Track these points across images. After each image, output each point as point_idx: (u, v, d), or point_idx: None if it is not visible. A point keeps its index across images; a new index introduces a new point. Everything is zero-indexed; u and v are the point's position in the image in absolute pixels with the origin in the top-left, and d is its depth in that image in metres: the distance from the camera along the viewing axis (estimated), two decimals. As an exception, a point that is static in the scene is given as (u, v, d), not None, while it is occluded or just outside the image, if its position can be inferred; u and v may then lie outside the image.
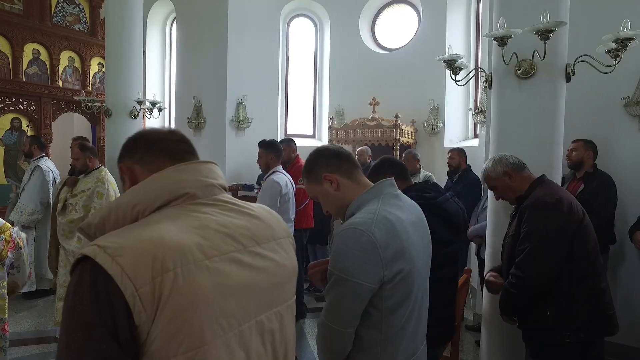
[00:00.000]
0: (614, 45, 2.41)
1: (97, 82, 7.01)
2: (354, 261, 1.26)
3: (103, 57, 6.07)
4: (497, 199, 2.33)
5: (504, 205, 2.60)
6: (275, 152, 3.75)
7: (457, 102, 5.66)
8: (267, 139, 3.90)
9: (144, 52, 6.17)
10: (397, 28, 6.57)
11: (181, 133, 1.03)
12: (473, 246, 4.00)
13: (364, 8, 6.54)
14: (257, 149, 3.85)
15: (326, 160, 1.47)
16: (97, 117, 6.49)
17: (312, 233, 4.36)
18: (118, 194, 2.52)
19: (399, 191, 1.49)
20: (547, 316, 1.98)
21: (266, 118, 6.55)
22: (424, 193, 1.99)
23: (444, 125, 5.61)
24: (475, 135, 5.32)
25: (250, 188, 5.36)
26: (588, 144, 3.45)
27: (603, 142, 3.66)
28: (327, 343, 1.36)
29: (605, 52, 2.49)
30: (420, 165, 4.56)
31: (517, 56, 2.53)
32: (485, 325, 2.84)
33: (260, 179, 5.45)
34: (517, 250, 2.05)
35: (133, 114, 4.96)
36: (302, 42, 7.23)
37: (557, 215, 1.98)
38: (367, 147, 5.25)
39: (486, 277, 2.35)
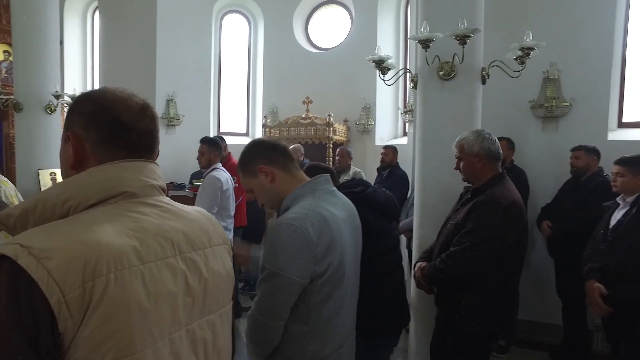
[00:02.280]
0: (520, 53, 2.67)
1: (3, 71, 6.36)
2: (287, 257, 1.27)
3: (9, 44, 5.50)
4: (455, 168, 2.24)
5: (431, 199, 2.76)
6: (218, 149, 3.80)
7: (387, 101, 5.89)
8: (203, 136, 3.91)
9: (61, 41, 5.72)
10: (330, 28, 6.69)
11: (152, 116, 0.91)
12: (404, 240, 4.20)
13: (297, 7, 6.58)
14: (189, 147, 3.80)
15: (262, 152, 1.48)
16: (3, 111, 5.88)
17: (246, 232, 4.32)
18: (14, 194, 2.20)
19: (334, 188, 1.53)
20: (462, 305, 2.08)
21: (198, 115, 6.36)
22: (353, 189, 2.06)
23: (375, 123, 5.82)
24: (404, 134, 5.58)
25: (181, 187, 5.17)
26: (510, 143, 3.77)
27: (515, 140, 4.02)
28: (257, 335, 1.36)
29: (514, 59, 2.74)
30: (351, 163, 4.70)
31: (439, 58, 2.69)
32: (414, 314, 3.00)
33: (193, 178, 5.29)
34: (456, 241, 2.07)
35: (50, 109, 4.57)
36: (236, 39, 7.11)
37: (506, 220, 2.00)
38: (300, 145, 5.29)
39: (414, 271, 2.45)
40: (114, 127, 0.85)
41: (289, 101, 6.13)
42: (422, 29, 2.62)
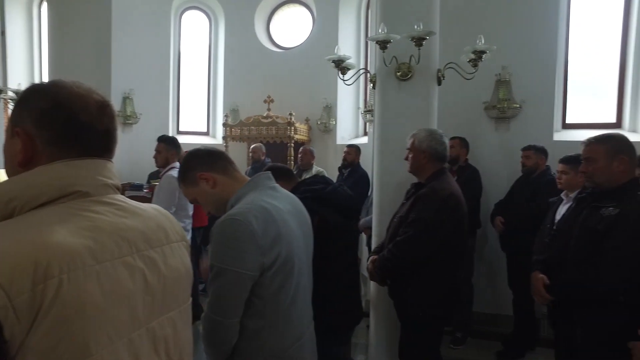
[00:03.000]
0: (473, 56, 2.78)
1: None
2: (233, 251, 1.28)
3: None
4: (404, 158, 2.41)
5: (389, 197, 2.83)
6: (176, 147, 3.71)
7: (348, 101, 5.96)
8: (161, 135, 3.81)
9: (3, 32, 5.40)
10: (292, 27, 6.69)
11: (111, 114, 0.87)
12: (364, 237, 4.27)
13: (259, 6, 6.53)
14: (146, 147, 3.70)
15: (199, 160, 1.49)
16: None
17: (208, 232, 4.25)
18: None
19: (276, 184, 1.54)
20: (407, 292, 2.23)
21: (156, 114, 6.20)
22: (313, 186, 2.09)
23: (336, 123, 5.88)
24: (365, 133, 5.67)
25: (138, 187, 5.03)
26: (463, 142, 3.91)
27: (470, 139, 4.18)
28: (213, 336, 1.35)
29: (467, 61, 2.86)
30: (314, 161, 4.73)
31: (397, 59, 2.77)
32: (373, 309, 3.06)
33: (151, 178, 5.15)
34: (401, 232, 2.25)
35: (-9, 105, 4.32)
36: (196, 36, 6.97)
37: (444, 211, 2.19)
38: (261, 144, 5.27)
39: (367, 264, 2.52)
40: (70, 126, 0.81)
41: (250, 100, 6.08)
42: (380, 30, 2.68)
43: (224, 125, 5.83)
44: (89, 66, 5.64)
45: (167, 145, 3.65)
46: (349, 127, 5.97)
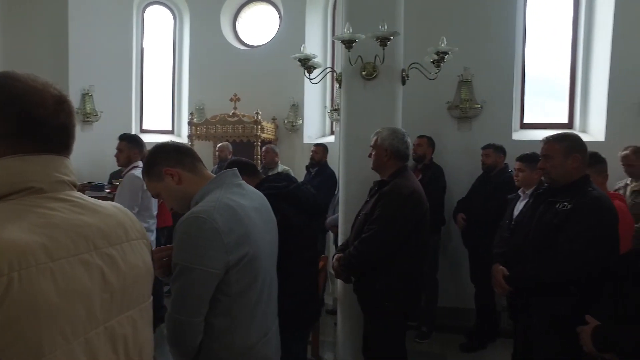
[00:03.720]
0: (435, 57, 2.85)
1: None
2: (197, 249, 1.26)
3: None
4: (368, 155, 2.46)
5: (355, 195, 2.86)
6: (139, 146, 3.59)
7: (315, 100, 5.98)
8: (122, 133, 3.68)
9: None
10: (259, 25, 6.63)
11: (68, 110, 0.84)
12: (332, 235, 4.29)
13: (225, 3, 6.44)
14: (107, 145, 3.58)
15: (165, 154, 1.47)
16: None
17: (172, 233, 4.16)
18: None
19: (242, 181, 1.54)
20: (375, 288, 2.27)
21: (118, 112, 6.00)
22: (276, 183, 2.08)
23: (303, 122, 5.88)
24: (332, 132, 5.70)
25: (99, 188, 4.86)
26: (430, 141, 4.00)
27: (434, 138, 4.28)
28: (177, 336, 1.33)
29: (430, 62, 2.93)
30: (278, 160, 4.70)
31: (362, 59, 2.80)
32: (340, 307, 3.09)
33: (113, 177, 4.98)
34: (366, 228, 2.29)
35: None
36: (160, 33, 6.79)
37: (407, 207, 2.25)
38: (227, 143, 5.20)
39: (333, 262, 2.55)
40: (24, 122, 0.78)
41: (216, 98, 5.99)
42: (345, 30, 2.70)
43: (189, 123, 5.71)
44: (44, 59, 5.39)
45: (130, 143, 3.55)
46: (316, 126, 5.99)
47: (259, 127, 5.42)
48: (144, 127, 6.63)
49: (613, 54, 4.13)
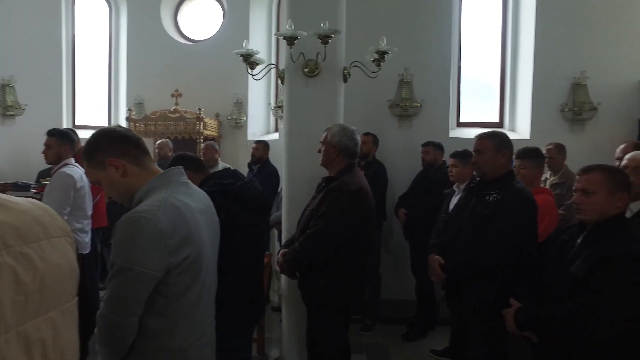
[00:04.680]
0: (376, 56, 2.93)
1: None
2: (138, 249, 1.22)
3: None
4: (317, 151, 2.46)
5: (298, 192, 2.87)
6: (70, 142, 3.34)
7: (259, 97, 5.92)
8: (51, 128, 3.42)
9: None
10: (201, 19, 6.45)
11: None
12: (276, 233, 4.28)
13: (165, -5, 6.20)
14: (34, 142, 3.32)
15: (112, 143, 1.37)
16: None
17: (108, 233, 3.95)
18: None
19: (188, 180, 1.50)
20: (320, 284, 2.29)
21: (46, 105, 5.58)
22: (222, 180, 2.05)
23: (247, 119, 5.80)
24: (277, 130, 5.68)
25: (24, 187, 4.48)
26: (375, 139, 4.10)
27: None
28: (108, 335, 1.28)
29: (371, 61, 3.00)
30: (219, 157, 4.61)
31: (304, 56, 2.81)
32: (285, 303, 3.10)
33: (41, 176, 4.63)
34: (311, 224, 2.29)
35: None
36: (94, 23, 6.40)
37: (353, 204, 2.26)
38: (168, 140, 5.03)
39: (278, 257, 2.55)
40: None
41: (157, 94, 5.76)
42: (287, 27, 2.70)
43: (128, 119, 5.45)
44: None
45: (60, 139, 3.30)
46: (260, 123, 5.94)
47: (202, 123, 5.28)
48: (77, 122, 6.23)
49: (536, 62, 4.47)
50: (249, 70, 3.09)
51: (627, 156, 2.40)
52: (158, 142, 4.95)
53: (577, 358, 1.73)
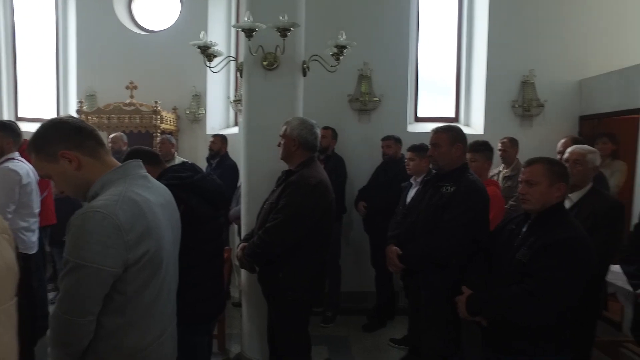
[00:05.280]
0: (335, 50, 2.95)
1: None
2: (94, 246, 1.17)
3: None
4: (277, 144, 2.43)
5: (257, 186, 2.85)
6: (12, 134, 3.12)
7: (218, 90, 5.81)
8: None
9: None
10: (158, 9, 6.23)
11: None
12: (235, 227, 4.24)
13: (117, -19, 5.93)
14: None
15: (64, 135, 1.29)
16: None
17: (56, 232, 3.76)
18: None
19: (147, 173, 1.45)
20: (279, 277, 2.29)
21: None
22: (180, 174, 2.01)
23: (206, 112, 5.68)
24: (236, 123, 5.60)
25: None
26: (334, 133, 4.12)
27: (336, 129, 4.43)
28: (62, 337, 1.22)
29: (331, 55, 3.02)
30: (176, 151, 4.49)
31: (263, 49, 2.79)
32: (245, 297, 3.08)
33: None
34: (271, 218, 2.27)
35: None
36: (38, 8, 6.03)
37: (313, 197, 2.25)
38: (122, 133, 4.84)
39: (237, 251, 2.53)
40: None
41: (110, 85, 5.52)
42: (246, 19, 2.67)
43: (78, 112, 5.19)
44: None
45: (1, 132, 3.11)
46: (220, 116, 5.83)
47: (159, 117, 5.13)
48: (20, 115, 5.88)
49: (489, 60, 4.65)
50: (207, 63, 3.02)
51: (568, 150, 2.56)
52: (111, 135, 4.75)
53: (522, 340, 1.83)
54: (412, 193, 3.10)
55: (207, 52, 2.97)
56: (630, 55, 4.37)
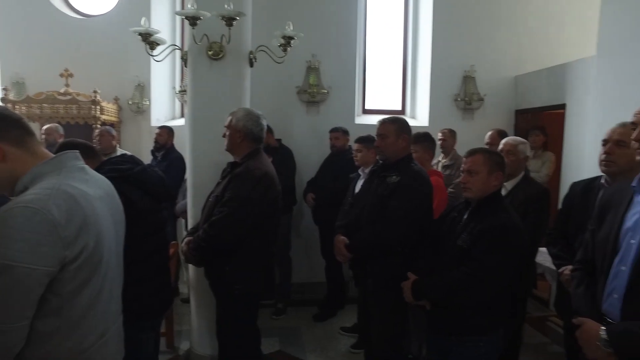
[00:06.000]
0: (282, 41, 2.93)
1: None
2: (25, 244, 1.08)
3: None
4: (222, 135, 2.38)
5: (203, 179, 2.79)
6: None
7: (163, 80, 5.58)
8: None
9: None
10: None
11: None
12: (183, 222, 4.12)
13: (48, -39, 5.51)
14: None
15: None
16: None
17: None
18: None
19: (85, 165, 1.37)
20: (226, 271, 2.27)
21: None
22: (118, 166, 1.92)
23: (150, 103, 5.44)
24: (183, 115, 5.43)
25: None
26: (269, 129, 4.08)
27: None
28: None
29: (278, 46, 2.99)
30: (117, 144, 4.28)
31: (208, 38, 2.71)
32: (193, 292, 3.02)
33: None
34: (216, 211, 2.23)
35: None
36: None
37: (258, 189, 2.23)
38: (57, 125, 4.53)
39: (182, 246, 2.47)
40: None
41: (41, 73, 5.14)
42: (190, 6, 2.58)
43: (4, 100, 4.80)
44: None
45: None
46: (165, 108, 5.62)
47: (98, 107, 4.85)
48: None
49: (433, 55, 4.84)
50: (149, 51, 2.90)
51: (502, 141, 2.72)
52: (45, 127, 4.43)
53: (461, 319, 1.94)
54: (360, 184, 3.16)
55: (148, 40, 2.84)
56: (559, 55, 4.70)
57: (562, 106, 4.18)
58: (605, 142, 2.05)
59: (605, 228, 1.55)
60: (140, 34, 2.82)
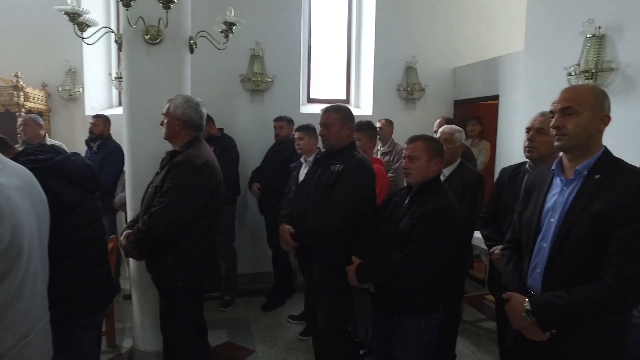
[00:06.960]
0: (224, 27, 2.85)
1: None
2: None
3: None
4: (160, 123, 2.31)
5: (142, 169, 2.67)
6: None
7: (98, 66, 5.22)
8: None
9: None
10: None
11: None
12: (123, 215, 3.94)
13: None
14: None
15: None
16: None
17: None
18: None
19: (1, 155, 1.27)
20: (169, 263, 2.20)
21: None
22: (37, 156, 1.78)
23: (83, 91, 5.09)
24: (121, 103, 5.13)
25: None
26: (209, 118, 3.97)
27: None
28: None
29: (219, 32, 2.91)
30: (45, 133, 3.99)
31: (144, 20, 2.58)
32: (135, 287, 2.90)
33: None
34: (156, 201, 2.15)
35: None
36: None
37: (199, 178, 2.16)
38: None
39: (121, 240, 2.36)
40: None
41: (-49, 54, 4.65)
42: (124, -14, 2.44)
43: None
44: None
45: None
46: (101, 95, 5.28)
47: (22, 94, 4.47)
48: None
49: (376, 45, 4.91)
50: (78, 33, 2.71)
51: (440, 129, 2.85)
52: (-40, 115, 4.03)
53: (404, 300, 2.02)
54: (303, 172, 3.17)
55: (77, 21, 2.65)
56: (495, 48, 4.96)
57: (496, 97, 4.43)
58: (528, 130, 2.20)
59: (529, 209, 1.67)
60: (66, 14, 2.62)
